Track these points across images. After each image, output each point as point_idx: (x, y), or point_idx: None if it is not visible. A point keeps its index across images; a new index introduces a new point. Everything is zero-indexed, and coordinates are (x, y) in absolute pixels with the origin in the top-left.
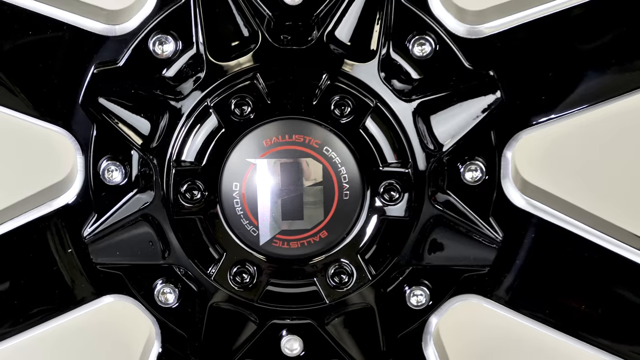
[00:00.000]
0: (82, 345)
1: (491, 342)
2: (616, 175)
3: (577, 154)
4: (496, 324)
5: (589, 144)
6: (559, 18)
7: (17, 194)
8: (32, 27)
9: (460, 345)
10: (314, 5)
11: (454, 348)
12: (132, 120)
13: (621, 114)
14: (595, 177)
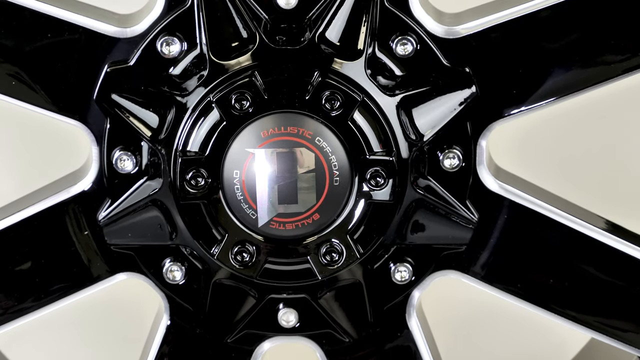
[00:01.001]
0: (99, 319)
1: (468, 315)
2: (581, 161)
3: (546, 144)
4: (472, 298)
5: (557, 134)
6: (528, 20)
7: (36, 182)
8: (50, 30)
9: (441, 317)
10: (307, 9)
11: (434, 320)
12: (142, 114)
13: (589, 105)
14: (561, 164)
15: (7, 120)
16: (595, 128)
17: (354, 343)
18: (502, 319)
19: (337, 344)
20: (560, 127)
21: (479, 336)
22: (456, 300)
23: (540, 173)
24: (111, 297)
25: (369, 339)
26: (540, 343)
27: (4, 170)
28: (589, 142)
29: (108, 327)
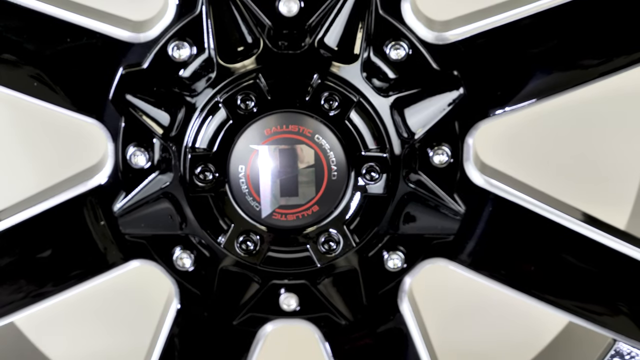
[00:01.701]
0: (114, 304)
1: (456, 300)
2: (562, 158)
3: (530, 142)
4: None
5: (540, 133)
6: (511, 27)
7: (55, 176)
8: (69, 35)
9: (430, 302)
10: (307, 16)
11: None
12: (154, 113)
13: (569, 108)
14: (544, 161)
15: (29, 118)
16: (573, 128)
17: (350, 325)
18: (487, 303)
19: (335, 326)
20: (541, 126)
21: (466, 319)
22: (446, 288)
23: (524, 169)
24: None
25: (363, 321)
26: (520, 325)
27: (27, 164)
28: (567, 142)
29: (123, 312)
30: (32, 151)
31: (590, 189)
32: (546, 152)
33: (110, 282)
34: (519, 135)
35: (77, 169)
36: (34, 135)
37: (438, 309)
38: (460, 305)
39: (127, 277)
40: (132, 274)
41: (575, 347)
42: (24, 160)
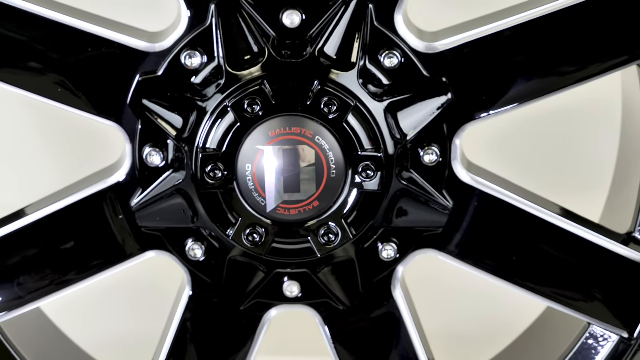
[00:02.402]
0: (132, 291)
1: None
2: (542, 157)
3: (513, 142)
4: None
5: (522, 134)
6: (494, 38)
7: (75, 173)
8: (90, 45)
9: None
10: (308, 28)
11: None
12: (168, 117)
13: (548, 111)
14: (525, 159)
15: (51, 122)
16: (551, 130)
17: (348, 310)
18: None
19: (333, 311)
20: (523, 128)
21: (452, 304)
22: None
23: (507, 167)
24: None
25: (360, 306)
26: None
27: (50, 163)
28: (546, 142)
29: (141, 298)
30: (52, 152)
31: (567, 186)
32: (527, 152)
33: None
34: (503, 136)
35: (92, 168)
36: (54, 137)
37: (426, 295)
38: (446, 291)
39: (144, 266)
40: (148, 261)
41: (553, 330)
42: (46, 160)
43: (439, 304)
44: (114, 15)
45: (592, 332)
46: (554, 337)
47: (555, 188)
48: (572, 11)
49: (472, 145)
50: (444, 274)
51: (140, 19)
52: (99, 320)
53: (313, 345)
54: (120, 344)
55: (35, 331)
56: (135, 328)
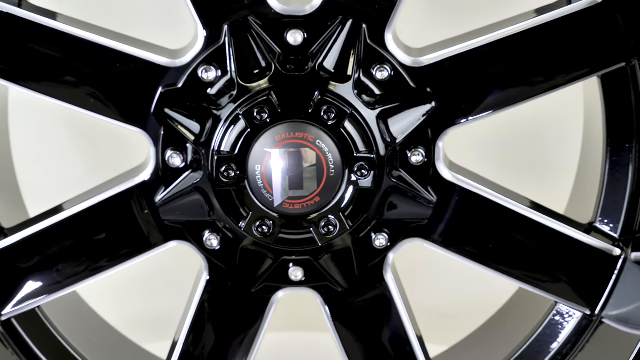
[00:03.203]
0: (157, 276)
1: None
2: (514, 157)
3: (489, 144)
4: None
5: (498, 137)
6: (471, 53)
7: (106, 174)
8: (119, 61)
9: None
10: (309, 45)
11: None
12: (187, 124)
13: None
14: (500, 159)
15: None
16: (523, 133)
17: (345, 292)
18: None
19: (333, 292)
20: (497, 131)
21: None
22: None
23: (484, 166)
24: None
25: (356, 289)
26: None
27: (83, 164)
28: (518, 144)
29: (164, 282)
30: (85, 155)
31: (536, 181)
32: (501, 152)
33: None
34: (480, 138)
35: (120, 169)
36: (87, 142)
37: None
38: (431, 274)
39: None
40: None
41: (524, 308)
42: (80, 162)
43: (424, 285)
44: (139, 34)
45: (558, 310)
46: (525, 314)
47: (525, 183)
48: (539, 30)
49: (453, 146)
50: (429, 260)
51: (161, 37)
52: (127, 300)
53: (315, 322)
54: (145, 322)
55: (70, 310)
56: (159, 307)
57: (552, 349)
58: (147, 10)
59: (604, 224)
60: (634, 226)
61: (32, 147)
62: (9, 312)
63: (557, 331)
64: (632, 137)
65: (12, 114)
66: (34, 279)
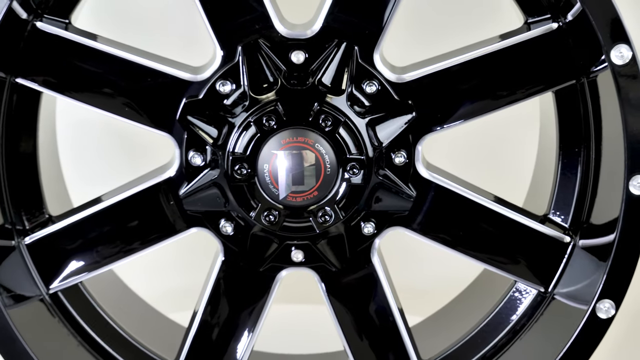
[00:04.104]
0: (180, 256)
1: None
2: (481, 158)
3: (460, 147)
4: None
5: (467, 141)
6: (445, 71)
7: (136, 172)
8: (149, 76)
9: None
10: (310, 64)
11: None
12: (207, 129)
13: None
14: (469, 160)
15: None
16: (489, 137)
17: (338, 271)
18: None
19: (328, 272)
20: (467, 136)
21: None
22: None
23: (454, 165)
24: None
25: (347, 268)
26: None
27: (117, 161)
28: (485, 146)
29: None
30: (118, 153)
31: (499, 178)
32: (470, 153)
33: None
34: (452, 141)
35: (148, 167)
36: (121, 143)
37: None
38: (411, 256)
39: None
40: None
41: (488, 286)
42: (116, 160)
43: (405, 266)
44: (167, 53)
45: (517, 287)
46: (489, 291)
47: (490, 180)
48: (502, 52)
49: (430, 150)
50: (409, 245)
51: (186, 55)
52: (154, 276)
53: (313, 296)
54: (170, 294)
55: (107, 285)
56: (181, 283)
57: (512, 320)
58: (173, 32)
59: (556, 216)
60: (582, 217)
61: (75, 146)
62: (56, 287)
63: (516, 305)
64: (580, 143)
65: (59, 118)
66: (76, 259)
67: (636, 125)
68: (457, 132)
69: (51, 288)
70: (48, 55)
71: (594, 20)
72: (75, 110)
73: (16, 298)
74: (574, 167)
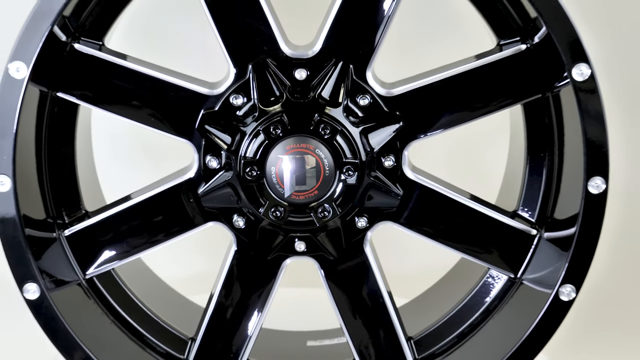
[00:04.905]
0: (198, 246)
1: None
2: (459, 161)
3: (440, 151)
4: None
5: (446, 147)
6: (428, 86)
7: (159, 174)
8: (172, 90)
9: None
10: (311, 80)
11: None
12: (222, 136)
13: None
14: (448, 162)
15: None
16: (465, 143)
17: (336, 259)
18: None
19: (326, 260)
20: (446, 142)
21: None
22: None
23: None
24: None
25: (343, 257)
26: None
27: (144, 163)
28: (463, 151)
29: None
30: (145, 156)
31: (474, 178)
32: (448, 156)
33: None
34: (433, 146)
35: (170, 169)
36: (146, 146)
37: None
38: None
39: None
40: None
41: (465, 272)
42: (141, 162)
43: (394, 255)
44: (188, 70)
45: (490, 274)
46: (465, 276)
47: (467, 180)
48: (478, 70)
49: (416, 155)
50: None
51: (204, 72)
52: (176, 264)
53: (314, 281)
54: (190, 279)
55: (136, 271)
56: (200, 269)
57: (486, 302)
58: (194, 53)
59: (524, 211)
60: (546, 213)
61: (108, 151)
62: (92, 273)
63: (489, 289)
64: (545, 149)
65: (94, 127)
66: (109, 248)
67: (594, 133)
68: (439, 139)
69: (87, 274)
70: (84, 73)
71: (557, 42)
72: (108, 119)
73: (57, 282)
74: (539, 169)
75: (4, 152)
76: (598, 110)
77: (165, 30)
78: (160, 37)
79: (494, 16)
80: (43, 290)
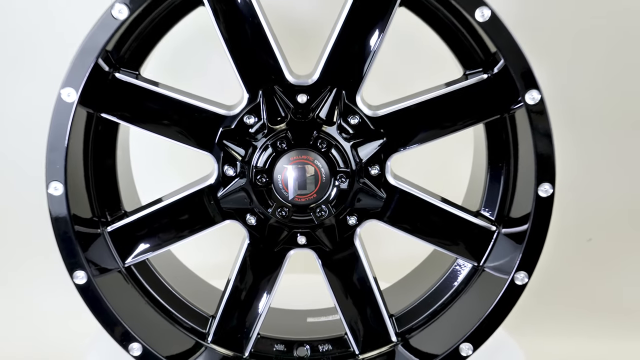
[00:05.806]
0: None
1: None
2: (432, 168)
3: (418, 162)
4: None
5: (423, 159)
6: (407, 108)
7: (188, 179)
8: (195, 112)
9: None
10: (311, 103)
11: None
12: (237, 149)
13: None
14: (424, 171)
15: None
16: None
17: (331, 251)
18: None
19: (323, 251)
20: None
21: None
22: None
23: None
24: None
25: (337, 249)
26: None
27: (173, 170)
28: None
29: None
30: (174, 165)
31: (444, 182)
32: (424, 166)
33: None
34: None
35: (194, 176)
36: (175, 156)
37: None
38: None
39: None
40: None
41: (437, 261)
42: (170, 169)
43: (378, 247)
44: (209, 94)
45: (458, 262)
46: (437, 265)
47: (438, 185)
48: (447, 95)
49: (398, 165)
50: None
51: (221, 95)
52: (199, 253)
53: (312, 268)
54: (211, 267)
55: (166, 260)
56: (218, 258)
57: (454, 285)
58: (213, 80)
59: (485, 211)
60: (504, 212)
61: (143, 161)
62: (130, 262)
63: (457, 275)
64: (503, 160)
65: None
66: (144, 242)
67: (543, 147)
68: (416, 151)
69: (126, 263)
70: (123, 97)
71: (513, 72)
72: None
73: (101, 270)
74: (498, 176)
75: (57, 162)
76: (547, 128)
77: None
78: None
79: (461, 51)
80: (89, 276)
